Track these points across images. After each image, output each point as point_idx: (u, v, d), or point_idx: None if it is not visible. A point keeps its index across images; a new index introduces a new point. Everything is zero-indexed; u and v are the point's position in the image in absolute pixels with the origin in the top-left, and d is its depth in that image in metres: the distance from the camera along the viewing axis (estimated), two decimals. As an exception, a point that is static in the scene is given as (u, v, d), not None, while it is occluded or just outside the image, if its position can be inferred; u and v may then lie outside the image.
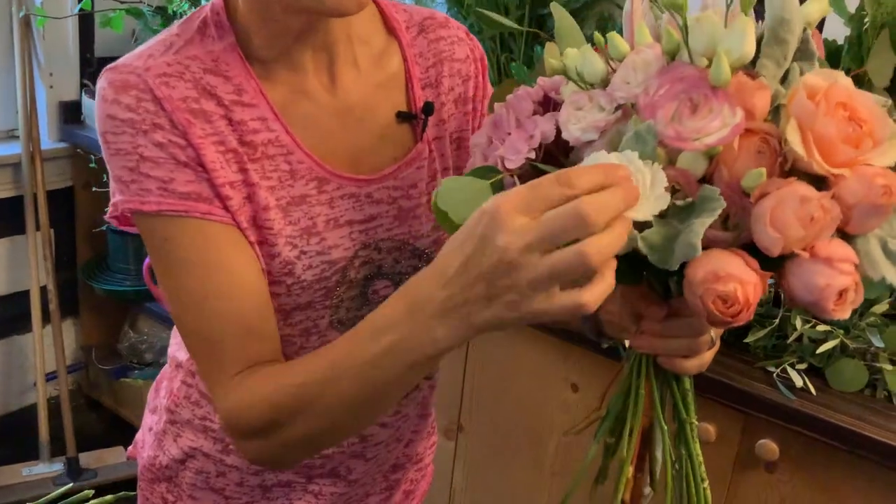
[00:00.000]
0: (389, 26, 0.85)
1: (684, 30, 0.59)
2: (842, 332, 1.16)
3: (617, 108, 0.62)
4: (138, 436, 1.01)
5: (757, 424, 1.15)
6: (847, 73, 0.62)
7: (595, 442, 0.73)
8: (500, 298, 0.55)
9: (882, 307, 1.17)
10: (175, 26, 0.78)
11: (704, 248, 0.56)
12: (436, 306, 0.58)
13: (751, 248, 0.59)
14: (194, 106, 0.73)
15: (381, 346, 0.62)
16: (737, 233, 0.59)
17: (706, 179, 0.60)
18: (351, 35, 0.79)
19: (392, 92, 0.83)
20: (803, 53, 0.62)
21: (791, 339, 1.19)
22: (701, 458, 0.71)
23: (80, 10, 2.16)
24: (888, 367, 1.14)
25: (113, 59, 0.76)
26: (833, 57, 0.75)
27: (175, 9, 2.10)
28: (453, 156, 0.88)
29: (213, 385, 0.74)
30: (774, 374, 1.16)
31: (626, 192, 0.54)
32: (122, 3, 2.23)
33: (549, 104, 0.68)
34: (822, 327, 1.18)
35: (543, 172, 0.63)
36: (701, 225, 0.55)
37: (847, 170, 0.57)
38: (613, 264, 0.56)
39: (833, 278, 0.57)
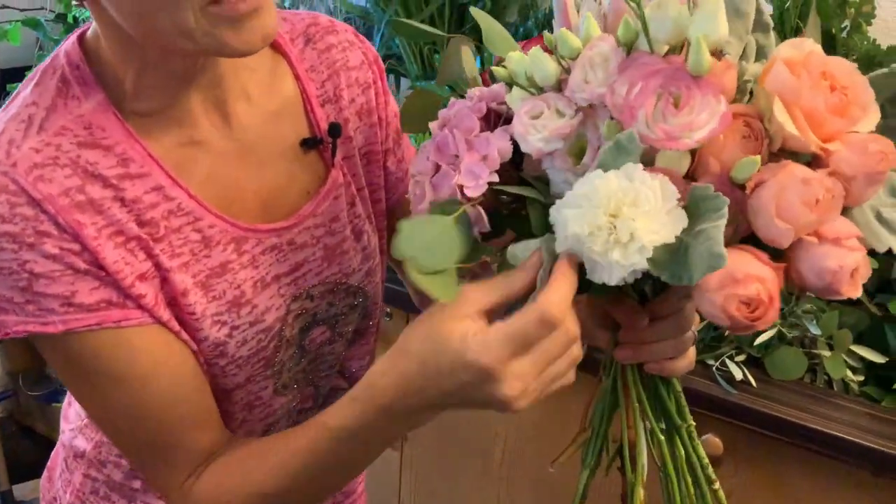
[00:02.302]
0: (273, 42, 0.75)
1: (642, 17, 0.54)
2: (778, 320, 1.15)
3: (577, 111, 0.57)
4: None
5: (699, 420, 1.11)
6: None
7: (585, 468, 0.69)
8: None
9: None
10: (28, 90, 0.65)
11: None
12: (419, 410, 0.60)
13: (746, 242, 0.55)
14: (79, 198, 0.62)
15: (359, 442, 0.63)
16: (732, 228, 0.54)
17: (688, 176, 0.55)
18: (237, 63, 0.69)
19: (291, 118, 0.75)
20: (758, 24, 0.59)
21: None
22: (707, 460, 0.68)
23: (-29, 22, 2.03)
24: (826, 353, 1.13)
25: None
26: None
27: (77, 14, 1.98)
28: (364, 172, 0.80)
29: (165, 487, 0.69)
30: (713, 368, 1.14)
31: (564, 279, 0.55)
32: (20, 10, 2.10)
33: (491, 117, 0.62)
34: (758, 317, 1.16)
35: (503, 194, 0.60)
36: (717, 230, 0.50)
37: (839, 143, 0.53)
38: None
39: (844, 258, 0.53)
